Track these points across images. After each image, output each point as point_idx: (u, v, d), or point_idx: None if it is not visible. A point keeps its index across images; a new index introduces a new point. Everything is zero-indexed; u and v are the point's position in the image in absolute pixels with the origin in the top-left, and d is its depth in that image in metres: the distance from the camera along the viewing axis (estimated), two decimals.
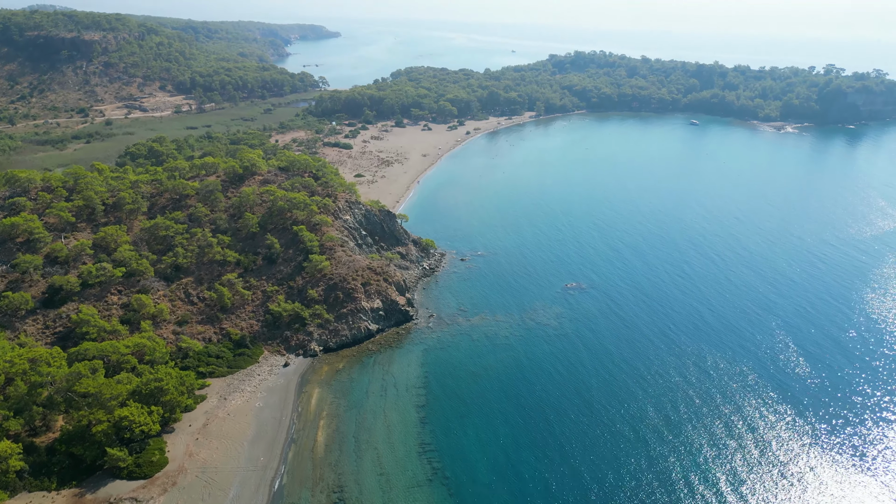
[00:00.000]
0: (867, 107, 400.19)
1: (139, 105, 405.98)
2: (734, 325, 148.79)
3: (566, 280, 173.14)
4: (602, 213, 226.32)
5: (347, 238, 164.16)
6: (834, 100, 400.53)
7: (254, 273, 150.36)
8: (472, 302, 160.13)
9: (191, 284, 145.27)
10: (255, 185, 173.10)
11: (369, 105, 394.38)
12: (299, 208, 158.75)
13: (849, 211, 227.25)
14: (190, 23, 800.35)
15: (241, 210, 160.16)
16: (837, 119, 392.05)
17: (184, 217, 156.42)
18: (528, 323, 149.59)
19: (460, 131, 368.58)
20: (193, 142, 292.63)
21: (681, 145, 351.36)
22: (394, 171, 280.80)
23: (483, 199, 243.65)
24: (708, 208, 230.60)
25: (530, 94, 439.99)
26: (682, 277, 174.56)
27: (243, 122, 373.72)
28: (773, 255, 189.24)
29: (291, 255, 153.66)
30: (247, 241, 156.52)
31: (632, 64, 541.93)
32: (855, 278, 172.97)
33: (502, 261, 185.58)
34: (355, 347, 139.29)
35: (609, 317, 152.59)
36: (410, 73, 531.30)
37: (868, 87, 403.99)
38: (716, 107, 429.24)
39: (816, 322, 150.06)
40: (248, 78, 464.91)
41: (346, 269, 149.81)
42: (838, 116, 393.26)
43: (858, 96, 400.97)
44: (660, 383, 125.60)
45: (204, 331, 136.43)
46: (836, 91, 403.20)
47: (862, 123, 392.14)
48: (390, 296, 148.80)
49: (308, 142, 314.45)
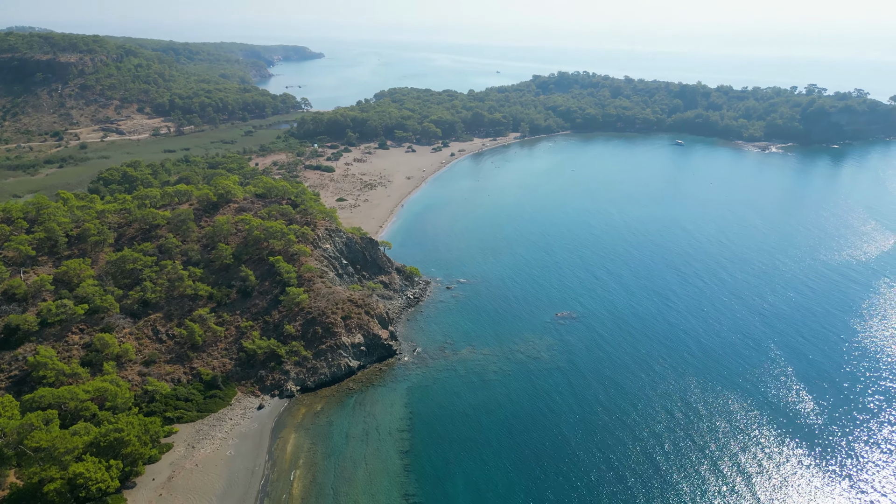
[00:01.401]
0: (850, 126, 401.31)
1: (116, 128, 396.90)
2: (721, 358, 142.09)
3: (555, 308, 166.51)
4: (589, 239, 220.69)
5: (327, 268, 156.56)
6: (817, 120, 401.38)
7: (227, 307, 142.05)
8: (458, 334, 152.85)
9: (159, 321, 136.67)
10: (230, 213, 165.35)
11: (352, 127, 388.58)
12: (276, 238, 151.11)
13: (836, 234, 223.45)
14: (171, 44, 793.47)
15: (214, 240, 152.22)
16: (821, 139, 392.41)
17: (153, 248, 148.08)
18: (518, 356, 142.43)
19: (445, 153, 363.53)
20: (170, 165, 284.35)
21: (666, 166, 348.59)
22: (377, 194, 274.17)
23: (469, 223, 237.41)
24: (693, 233, 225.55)
25: (515, 114, 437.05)
26: (668, 307, 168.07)
27: (223, 144, 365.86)
28: (760, 283, 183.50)
29: (267, 287, 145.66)
30: (220, 273, 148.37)
31: (615, 84, 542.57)
32: (845, 307, 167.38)
33: (489, 289, 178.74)
34: (335, 386, 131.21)
35: (599, 349, 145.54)
36: (394, 95, 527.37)
37: (850, 106, 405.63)
38: (700, 127, 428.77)
39: (806, 353, 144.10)
40: (229, 100, 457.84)
41: (326, 302, 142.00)
42: (822, 136, 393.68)
43: (841, 116, 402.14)
44: (649, 422, 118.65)
45: (173, 371, 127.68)
46: (820, 111, 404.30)
47: (846, 143, 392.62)
48: (372, 330, 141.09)
49: (289, 165, 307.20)
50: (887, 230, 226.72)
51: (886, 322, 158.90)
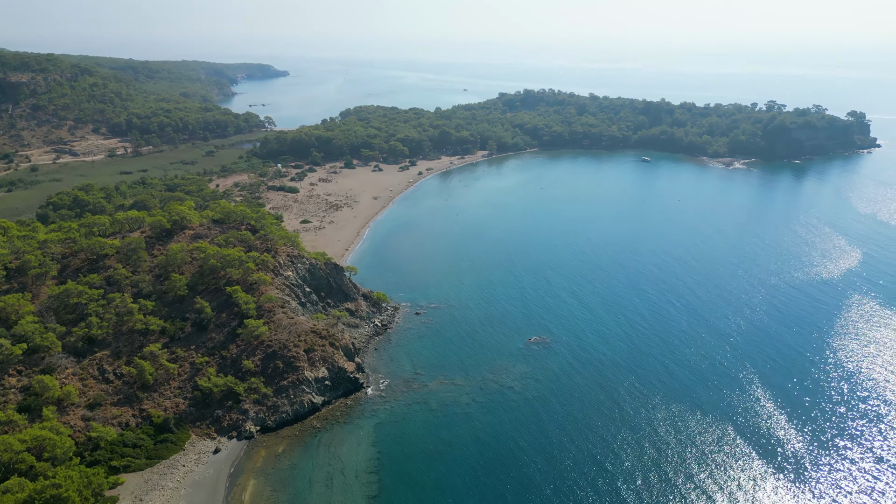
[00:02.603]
0: (810, 142, 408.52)
1: (69, 149, 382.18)
2: (691, 385, 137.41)
3: (528, 333, 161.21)
4: (559, 259, 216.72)
5: (289, 297, 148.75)
6: (778, 135, 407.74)
7: (181, 342, 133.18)
8: (428, 363, 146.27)
9: (106, 359, 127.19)
10: (185, 240, 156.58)
11: (317, 146, 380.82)
12: (234, 266, 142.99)
13: (803, 252, 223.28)
14: (130, 63, 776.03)
15: (167, 270, 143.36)
16: (783, 154, 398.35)
17: (100, 280, 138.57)
18: (491, 386, 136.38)
19: (412, 172, 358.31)
20: (125, 188, 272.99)
21: (633, 183, 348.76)
22: (343, 215, 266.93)
23: (438, 244, 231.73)
24: (660, 253, 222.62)
25: (482, 132, 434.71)
26: (644, 326, 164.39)
27: (183, 165, 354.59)
28: (734, 299, 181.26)
29: (224, 319, 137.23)
30: (174, 305, 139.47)
31: (581, 102, 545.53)
32: (815, 327, 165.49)
33: (460, 313, 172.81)
34: (298, 425, 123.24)
35: (574, 376, 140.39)
36: (360, 113, 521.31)
37: (810, 122, 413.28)
38: (666, 143, 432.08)
39: (777, 377, 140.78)
40: (190, 119, 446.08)
41: (287, 334, 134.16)
42: (784, 152, 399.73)
43: (802, 132, 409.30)
44: (632, 454, 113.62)
45: (120, 414, 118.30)
46: (781, 127, 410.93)
47: (807, 158, 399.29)
48: (337, 362, 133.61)
49: (251, 186, 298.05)
50: (853, 246, 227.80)
51: (858, 341, 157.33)
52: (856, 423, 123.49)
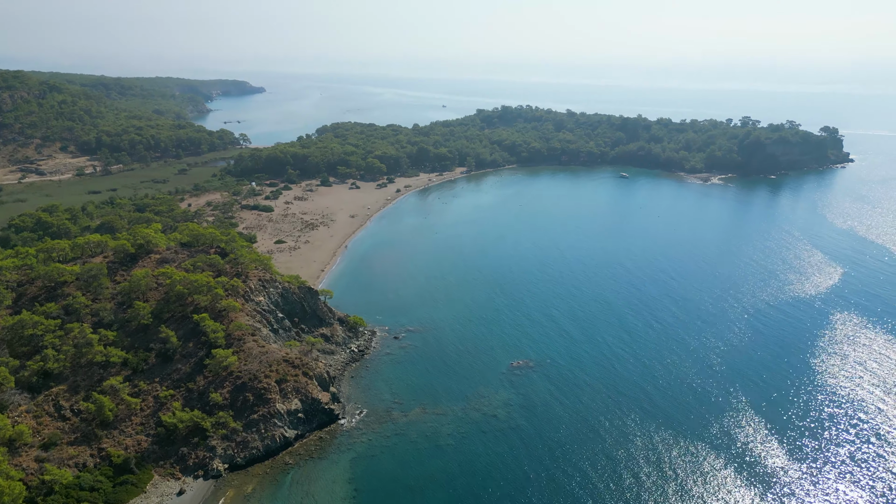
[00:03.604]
0: (785, 157, 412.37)
1: (36, 168, 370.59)
2: (681, 402, 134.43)
3: (511, 356, 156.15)
4: (539, 278, 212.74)
5: (260, 324, 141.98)
6: (754, 151, 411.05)
7: (144, 375, 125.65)
8: (408, 391, 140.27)
9: (63, 394, 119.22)
10: (150, 265, 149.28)
11: (293, 163, 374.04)
12: (201, 292, 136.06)
13: (783, 269, 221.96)
14: (102, 79, 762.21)
15: (131, 298, 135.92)
16: (759, 170, 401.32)
17: (58, 310, 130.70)
18: (474, 415, 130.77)
19: (390, 189, 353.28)
20: (92, 209, 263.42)
21: (612, 200, 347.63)
22: (319, 234, 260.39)
23: (416, 263, 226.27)
24: (642, 268, 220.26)
25: (460, 149, 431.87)
26: (623, 349, 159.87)
27: (154, 184, 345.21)
28: (712, 319, 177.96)
29: (191, 349, 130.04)
30: (137, 335, 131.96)
31: (558, 118, 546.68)
32: (802, 343, 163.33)
33: (440, 336, 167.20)
34: (269, 461, 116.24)
35: (555, 405, 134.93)
36: (337, 130, 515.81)
37: (784, 137, 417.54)
38: (643, 159, 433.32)
39: (767, 395, 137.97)
40: (162, 136, 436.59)
41: (258, 364, 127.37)
42: (759, 167, 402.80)
43: (776, 147, 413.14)
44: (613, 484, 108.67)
45: (77, 454, 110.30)
46: (756, 142, 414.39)
47: (782, 173, 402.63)
48: (311, 393, 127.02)
49: (224, 205, 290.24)
50: (832, 262, 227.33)
51: (843, 360, 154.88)
52: (841, 449, 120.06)
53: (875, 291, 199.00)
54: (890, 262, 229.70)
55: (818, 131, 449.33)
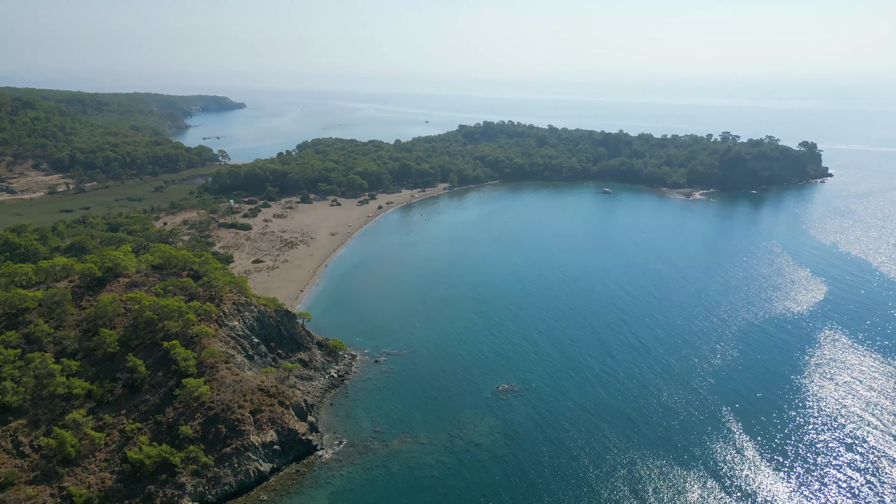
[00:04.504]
0: (766, 172, 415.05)
1: (6, 186, 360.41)
2: (666, 429, 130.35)
3: (494, 380, 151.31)
4: (523, 297, 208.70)
5: (234, 350, 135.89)
6: (735, 166, 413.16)
7: (110, 407, 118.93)
8: (389, 419, 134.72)
9: (22, 430, 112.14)
10: (119, 290, 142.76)
11: (272, 180, 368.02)
12: (172, 318, 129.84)
13: (769, 285, 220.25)
14: (78, 95, 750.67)
15: (97, 324, 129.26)
16: (740, 184, 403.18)
17: (18, 338, 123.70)
18: (458, 444, 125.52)
19: (372, 206, 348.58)
20: (63, 229, 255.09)
21: (596, 215, 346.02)
22: (298, 253, 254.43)
23: (398, 283, 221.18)
24: (625, 287, 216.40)
25: (443, 165, 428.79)
26: (605, 373, 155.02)
27: (129, 202, 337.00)
28: (697, 340, 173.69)
29: (161, 379, 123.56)
30: (103, 364, 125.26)
31: (540, 133, 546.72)
32: (788, 364, 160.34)
33: (423, 359, 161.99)
34: (242, 498, 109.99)
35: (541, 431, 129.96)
36: (317, 146, 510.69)
37: (764, 153, 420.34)
38: (626, 174, 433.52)
39: (754, 420, 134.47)
40: (138, 153, 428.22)
41: (231, 394, 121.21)
42: (741, 182, 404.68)
43: (757, 162, 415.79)
44: None
45: (36, 494, 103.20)
46: (737, 158, 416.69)
47: (763, 188, 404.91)
48: (287, 423, 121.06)
49: (200, 223, 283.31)
50: (818, 277, 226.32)
51: (834, 381, 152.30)
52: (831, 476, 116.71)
53: (859, 308, 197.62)
54: (872, 277, 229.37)
55: (797, 146, 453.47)
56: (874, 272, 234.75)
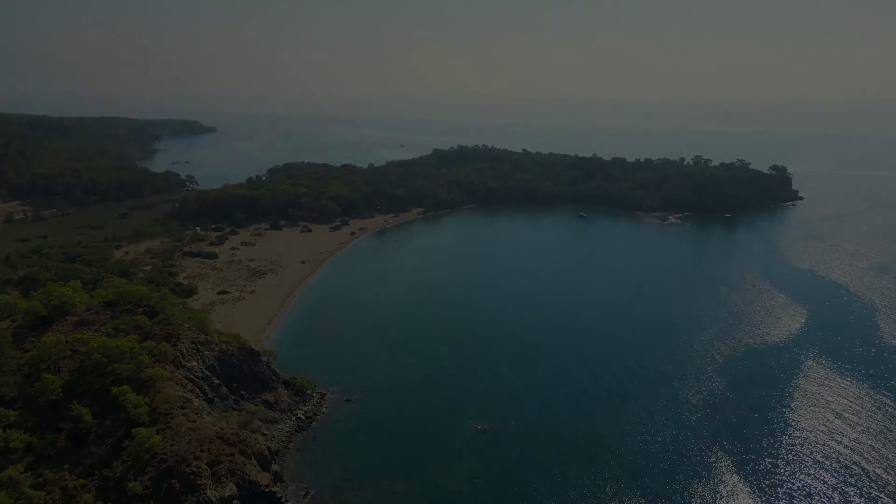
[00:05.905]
0: (739, 195, 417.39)
1: None
2: (641, 475, 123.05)
3: (473, 419, 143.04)
4: (501, 326, 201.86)
5: (192, 394, 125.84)
6: (708, 189, 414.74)
7: (51, 461, 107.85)
8: (360, 464, 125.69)
9: None
10: (66, 329, 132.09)
11: (241, 206, 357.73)
12: (123, 360, 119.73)
13: (748, 313, 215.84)
14: (43, 119, 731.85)
15: (39, 369, 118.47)
16: (714, 208, 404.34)
17: None
18: (434, 493, 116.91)
19: (344, 232, 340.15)
20: (17, 259, 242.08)
21: (571, 241, 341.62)
22: (266, 283, 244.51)
23: (371, 314, 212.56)
24: (601, 320, 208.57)
25: (417, 189, 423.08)
26: (580, 412, 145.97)
27: (89, 230, 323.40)
28: (673, 373, 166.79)
29: (109, 428, 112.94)
30: (45, 413, 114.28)
31: (515, 157, 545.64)
32: (774, 396, 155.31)
33: (396, 397, 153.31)
34: None
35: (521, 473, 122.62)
36: (289, 170, 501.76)
37: (737, 176, 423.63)
38: (601, 198, 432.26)
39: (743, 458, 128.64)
40: (102, 178, 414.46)
41: (187, 444, 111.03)
42: (714, 205, 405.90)
43: (730, 186, 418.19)
44: None
45: None
46: (710, 181, 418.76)
47: (736, 211, 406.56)
48: (249, 475, 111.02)
49: (164, 252, 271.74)
50: (797, 304, 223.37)
51: (818, 412, 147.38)
52: None
53: (840, 334, 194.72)
54: (850, 301, 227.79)
55: (767, 170, 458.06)
56: (853, 297, 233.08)
